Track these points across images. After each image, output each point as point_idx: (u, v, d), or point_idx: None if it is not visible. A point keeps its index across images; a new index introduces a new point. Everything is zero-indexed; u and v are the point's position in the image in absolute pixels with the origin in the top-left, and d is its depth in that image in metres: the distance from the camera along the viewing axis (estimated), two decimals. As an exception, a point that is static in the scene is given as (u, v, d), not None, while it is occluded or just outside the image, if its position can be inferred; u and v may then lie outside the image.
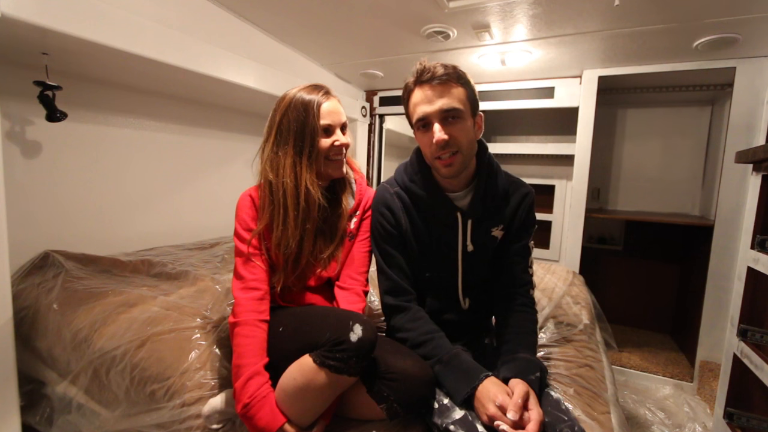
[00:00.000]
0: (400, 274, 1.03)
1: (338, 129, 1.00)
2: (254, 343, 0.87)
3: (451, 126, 0.91)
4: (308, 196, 0.96)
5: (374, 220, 1.07)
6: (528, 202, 1.04)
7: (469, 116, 0.93)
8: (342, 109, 1.03)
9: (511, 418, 0.73)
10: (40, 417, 1.22)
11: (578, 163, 2.31)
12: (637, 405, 1.95)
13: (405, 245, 1.05)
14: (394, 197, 1.04)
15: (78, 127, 1.62)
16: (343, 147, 1.01)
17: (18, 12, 1.01)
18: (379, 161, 3.04)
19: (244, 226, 0.99)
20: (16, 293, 1.32)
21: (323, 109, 0.97)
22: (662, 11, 1.53)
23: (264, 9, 1.78)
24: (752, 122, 1.90)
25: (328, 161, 1.00)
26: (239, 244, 0.98)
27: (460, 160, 0.94)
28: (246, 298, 0.92)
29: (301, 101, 0.97)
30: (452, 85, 0.90)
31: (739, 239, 1.57)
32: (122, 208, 1.82)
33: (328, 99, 0.99)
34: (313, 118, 0.96)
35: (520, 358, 0.89)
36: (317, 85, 1.01)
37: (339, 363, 0.77)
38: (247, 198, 1.01)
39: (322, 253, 1.04)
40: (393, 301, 1.02)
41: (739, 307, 1.30)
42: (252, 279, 0.95)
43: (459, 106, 0.90)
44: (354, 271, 1.06)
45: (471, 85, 0.94)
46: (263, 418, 0.80)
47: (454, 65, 0.91)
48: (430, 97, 0.90)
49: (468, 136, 0.93)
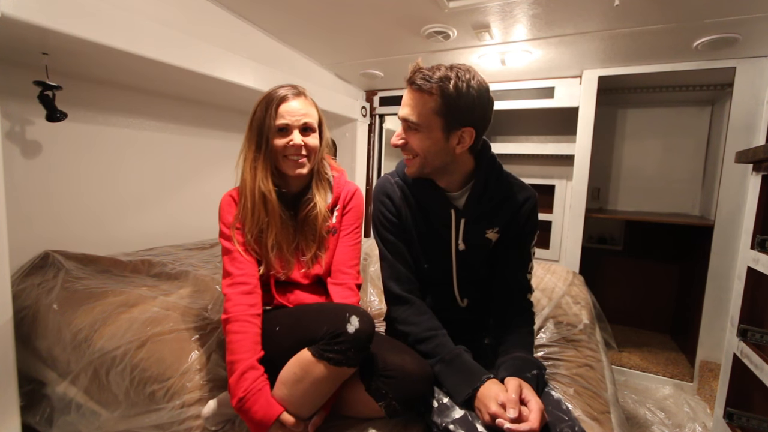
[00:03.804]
0: (402, 262, 1.04)
1: (296, 130, 0.98)
2: (246, 338, 0.87)
3: (408, 133, 0.93)
4: (262, 190, 0.97)
5: (375, 209, 1.07)
6: (528, 206, 1.02)
7: (435, 129, 0.89)
8: (310, 110, 1.01)
9: (512, 415, 0.73)
10: (40, 417, 1.22)
11: (578, 163, 2.31)
12: (637, 405, 1.95)
13: (406, 234, 1.05)
14: (394, 187, 1.05)
15: (78, 127, 1.62)
16: (301, 148, 0.98)
17: (18, 12, 1.01)
18: (379, 161, 3.04)
19: (225, 222, 1.00)
20: (16, 293, 1.32)
21: (281, 109, 0.97)
22: (662, 11, 1.53)
23: (264, 9, 1.78)
24: (752, 122, 1.90)
25: (285, 159, 0.99)
26: (224, 243, 0.99)
27: (418, 163, 0.95)
28: (235, 293, 0.93)
29: (265, 99, 0.99)
30: (425, 96, 0.87)
31: (739, 239, 1.56)
32: (122, 208, 1.82)
33: (293, 99, 0.98)
34: (270, 117, 0.96)
35: (516, 357, 0.89)
36: (290, 86, 1.01)
37: (338, 355, 0.78)
38: (228, 197, 1.03)
39: (304, 255, 1.04)
40: (397, 289, 1.02)
41: (739, 307, 1.30)
42: (240, 274, 0.95)
43: (414, 119, 0.89)
44: (344, 265, 1.06)
45: (452, 99, 0.85)
46: (259, 411, 0.80)
47: (444, 75, 0.85)
48: (406, 101, 0.91)
49: (424, 147, 0.91)
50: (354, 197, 1.10)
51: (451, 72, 0.86)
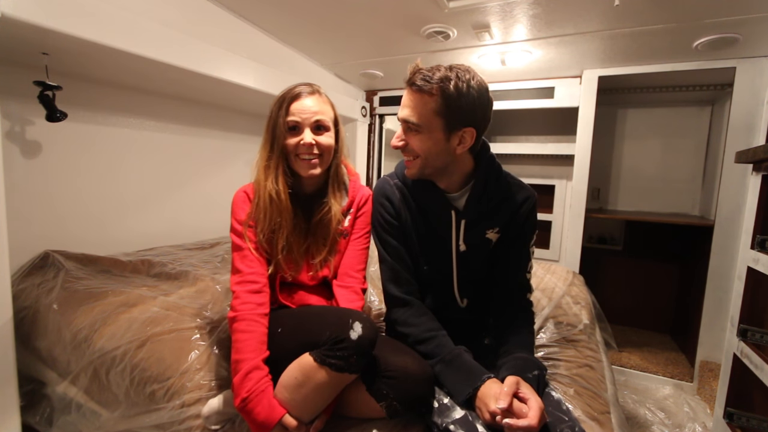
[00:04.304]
0: (401, 264, 1.04)
1: (308, 128, 0.97)
2: (253, 337, 0.87)
3: (409, 134, 0.93)
4: (270, 192, 0.96)
5: (375, 211, 1.07)
6: (528, 206, 1.02)
7: (436, 130, 0.89)
8: (324, 108, 0.99)
9: (501, 405, 0.73)
10: (40, 417, 1.22)
11: (578, 163, 2.31)
12: (637, 405, 1.95)
13: (405, 236, 1.05)
14: (394, 189, 1.05)
15: (78, 127, 1.62)
16: (313, 147, 0.96)
17: (18, 12, 1.01)
18: (379, 161, 3.04)
19: (238, 219, 0.99)
20: (16, 293, 1.32)
21: (293, 107, 0.96)
22: (662, 11, 1.53)
23: (264, 9, 1.78)
24: (752, 122, 1.90)
25: (297, 159, 0.98)
26: (235, 239, 0.98)
27: (419, 164, 0.95)
28: (244, 291, 0.92)
29: (280, 98, 0.98)
30: (426, 97, 0.86)
31: (739, 239, 1.57)
32: (122, 208, 1.82)
33: (306, 96, 0.97)
34: (281, 115, 0.96)
35: (518, 358, 0.89)
36: (305, 84, 1.00)
37: (340, 361, 0.77)
38: (242, 193, 1.02)
39: (314, 258, 1.04)
40: (397, 291, 1.02)
41: (739, 307, 1.30)
42: (249, 272, 0.95)
43: (414, 120, 0.89)
44: (351, 269, 1.06)
45: (453, 99, 0.85)
46: (262, 412, 0.80)
47: (444, 76, 0.85)
48: (405, 102, 0.91)
49: (425, 148, 0.91)
50: (368, 202, 1.10)
51: (451, 72, 0.86)
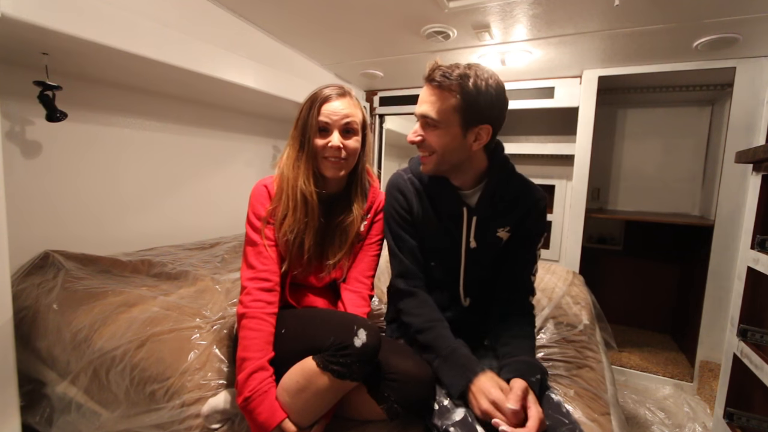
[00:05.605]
0: (411, 259, 1.04)
1: (336, 130, 0.97)
2: (260, 336, 0.87)
3: (426, 130, 0.93)
4: (303, 191, 0.96)
5: (388, 204, 1.07)
6: (539, 208, 1.02)
7: (454, 126, 0.90)
8: (353, 111, 0.99)
9: (511, 406, 0.74)
10: (40, 417, 1.22)
11: (578, 163, 2.31)
12: (637, 405, 1.94)
13: (416, 230, 1.05)
14: (407, 183, 1.05)
15: (78, 127, 1.62)
16: (340, 150, 0.97)
17: (18, 12, 1.01)
18: (379, 161, 3.04)
19: (257, 214, 0.98)
20: (16, 293, 1.32)
21: (324, 108, 0.96)
22: (662, 11, 1.53)
23: (264, 9, 1.78)
24: (752, 122, 1.90)
25: (324, 160, 0.99)
26: (251, 233, 0.97)
27: (435, 160, 0.95)
28: (256, 288, 0.92)
29: (311, 98, 0.98)
30: (445, 93, 0.88)
31: (739, 239, 1.57)
32: (122, 208, 1.82)
33: (336, 99, 0.97)
34: (312, 116, 0.96)
35: (521, 361, 0.89)
36: (336, 85, 1.00)
37: (342, 368, 0.77)
38: (261, 187, 1.01)
39: (329, 260, 1.03)
40: (404, 285, 1.03)
41: (739, 307, 1.30)
42: (263, 269, 0.94)
43: (433, 116, 0.90)
44: (361, 274, 1.06)
45: (472, 96, 0.87)
46: (263, 413, 0.80)
47: (463, 73, 0.87)
48: (424, 98, 0.92)
49: (442, 143, 0.92)
50: None
51: (470, 70, 0.88)
